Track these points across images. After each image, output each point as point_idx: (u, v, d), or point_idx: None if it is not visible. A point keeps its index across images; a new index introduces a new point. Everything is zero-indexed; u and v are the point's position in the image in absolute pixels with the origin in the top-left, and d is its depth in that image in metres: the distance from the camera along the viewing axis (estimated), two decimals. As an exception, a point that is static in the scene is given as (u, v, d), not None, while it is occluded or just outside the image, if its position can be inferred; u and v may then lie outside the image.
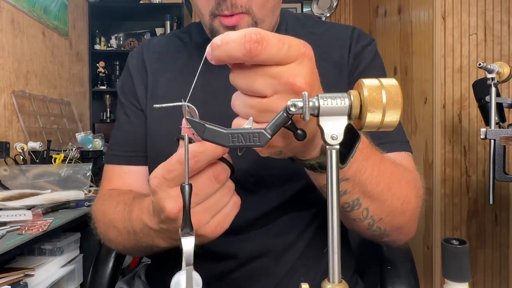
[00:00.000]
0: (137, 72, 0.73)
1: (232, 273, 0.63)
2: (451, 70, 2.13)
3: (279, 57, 0.34)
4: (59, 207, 1.43)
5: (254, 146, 0.31)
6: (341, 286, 0.29)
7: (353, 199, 0.48)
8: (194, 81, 0.67)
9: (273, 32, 0.35)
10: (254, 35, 0.33)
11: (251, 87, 0.36)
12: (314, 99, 0.30)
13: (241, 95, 0.38)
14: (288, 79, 0.34)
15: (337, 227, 0.29)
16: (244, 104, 0.37)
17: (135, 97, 0.73)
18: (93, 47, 3.06)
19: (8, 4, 1.95)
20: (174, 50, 0.74)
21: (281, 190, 0.63)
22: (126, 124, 0.73)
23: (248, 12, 0.60)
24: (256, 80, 0.35)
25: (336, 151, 0.30)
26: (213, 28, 0.62)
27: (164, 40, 0.77)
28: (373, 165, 0.47)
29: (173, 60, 0.72)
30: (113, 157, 0.73)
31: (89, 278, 0.74)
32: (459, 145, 2.14)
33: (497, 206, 2.10)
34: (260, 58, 0.34)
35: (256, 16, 0.61)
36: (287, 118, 0.31)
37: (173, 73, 0.71)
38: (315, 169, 0.43)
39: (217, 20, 0.61)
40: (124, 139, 0.73)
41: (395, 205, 0.52)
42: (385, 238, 0.57)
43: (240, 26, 0.60)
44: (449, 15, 2.12)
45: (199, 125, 0.31)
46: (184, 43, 0.74)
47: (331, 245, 0.29)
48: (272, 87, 0.35)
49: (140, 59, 0.74)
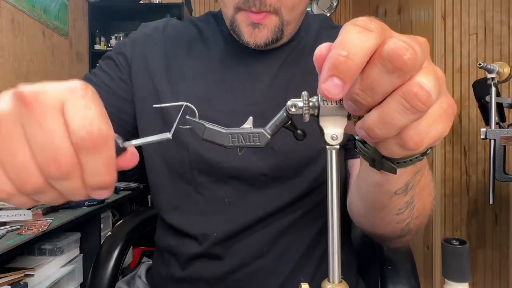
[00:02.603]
0: (158, 49, 0.69)
1: (235, 274, 0.63)
2: (451, 70, 2.13)
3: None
4: (59, 207, 1.43)
5: (254, 146, 0.31)
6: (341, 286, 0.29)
7: (414, 194, 0.46)
8: (210, 76, 0.65)
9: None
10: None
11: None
12: (314, 99, 0.30)
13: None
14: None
15: (337, 227, 0.29)
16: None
17: (128, 74, 0.69)
18: (93, 47, 3.06)
19: (8, 4, 1.95)
20: (189, 37, 0.71)
21: (288, 188, 0.64)
22: (106, 76, 0.68)
23: (276, 13, 0.60)
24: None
25: (336, 151, 0.30)
26: (235, 21, 0.61)
27: (182, 25, 0.74)
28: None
29: (188, 47, 0.70)
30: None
31: (89, 278, 0.73)
32: (459, 145, 2.14)
33: (497, 206, 2.10)
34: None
35: (284, 17, 0.61)
36: (287, 118, 0.31)
37: (188, 63, 0.69)
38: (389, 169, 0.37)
39: (242, 14, 0.60)
40: (98, 88, 0.66)
41: (427, 206, 0.51)
42: (401, 238, 0.56)
43: (266, 25, 0.60)
44: (449, 15, 2.12)
45: (199, 125, 0.31)
46: (200, 31, 0.72)
47: (331, 245, 0.29)
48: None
49: (162, 36, 0.71)
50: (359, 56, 0.25)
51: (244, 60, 0.67)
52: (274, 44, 0.63)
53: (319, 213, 0.66)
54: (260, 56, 0.67)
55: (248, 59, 0.67)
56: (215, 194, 0.64)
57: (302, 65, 0.67)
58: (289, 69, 0.67)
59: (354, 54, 0.25)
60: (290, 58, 0.68)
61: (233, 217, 0.63)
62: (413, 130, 0.27)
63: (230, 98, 0.65)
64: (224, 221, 0.63)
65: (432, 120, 0.27)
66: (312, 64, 0.28)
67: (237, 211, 0.63)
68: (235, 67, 0.67)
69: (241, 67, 0.67)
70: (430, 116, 0.27)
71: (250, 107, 0.64)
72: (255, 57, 0.67)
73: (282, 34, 0.62)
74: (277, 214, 0.64)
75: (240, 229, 0.63)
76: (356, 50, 0.25)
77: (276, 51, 0.67)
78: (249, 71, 0.67)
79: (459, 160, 2.14)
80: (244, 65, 0.67)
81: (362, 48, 0.25)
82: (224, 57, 0.68)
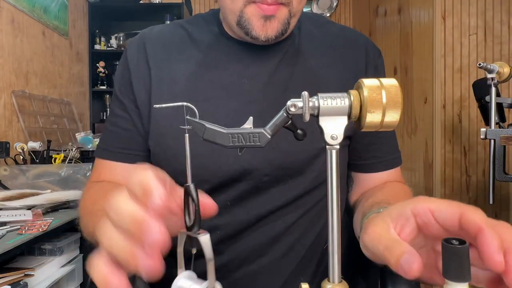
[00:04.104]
0: (136, 65, 0.68)
1: (236, 272, 0.63)
2: (451, 70, 2.13)
3: None
4: (59, 207, 1.43)
5: (254, 146, 0.31)
6: (341, 286, 0.29)
7: None
8: (205, 77, 0.66)
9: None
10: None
11: None
12: (314, 99, 0.30)
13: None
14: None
15: (337, 227, 0.29)
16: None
17: (132, 92, 0.68)
18: (93, 47, 3.07)
19: (8, 4, 1.95)
20: (179, 41, 0.70)
21: (290, 188, 0.64)
22: (121, 120, 0.69)
23: (287, 5, 0.60)
24: None
25: (336, 151, 0.30)
26: (244, 15, 0.60)
27: (168, 29, 0.72)
28: None
29: (178, 52, 0.69)
30: (105, 152, 0.70)
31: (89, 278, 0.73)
32: (459, 145, 2.14)
33: (497, 206, 2.10)
34: None
35: (293, 9, 0.61)
36: (287, 118, 0.31)
37: (179, 66, 0.68)
38: None
39: (252, 7, 0.59)
40: (118, 136, 0.70)
41: None
42: None
43: (277, 17, 0.60)
44: (449, 15, 2.12)
45: (199, 125, 0.31)
46: (189, 34, 0.70)
47: (331, 245, 0.29)
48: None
49: (142, 51, 0.69)
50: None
51: (240, 59, 0.67)
52: (280, 37, 0.63)
53: (322, 211, 0.66)
54: (255, 55, 0.66)
55: (244, 58, 0.66)
56: (216, 198, 0.64)
57: (300, 64, 0.67)
58: (286, 67, 0.67)
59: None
60: (287, 57, 0.67)
61: (234, 216, 0.63)
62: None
63: (227, 97, 0.64)
64: (226, 220, 0.63)
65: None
66: (311, 63, 0.29)
67: (239, 211, 0.63)
68: (231, 66, 0.66)
69: (236, 65, 0.66)
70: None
71: (249, 106, 0.63)
72: (251, 56, 0.66)
73: (288, 26, 0.62)
74: (279, 212, 0.64)
75: (243, 228, 0.63)
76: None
77: (272, 49, 0.67)
78: (245, 69, 0.66)
79: (459, 160, 2.14)
80: (239, 64, 0.66)
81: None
82: (218, 56, 0.67)
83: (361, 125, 0.31)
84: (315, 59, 0.68)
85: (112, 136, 0.70)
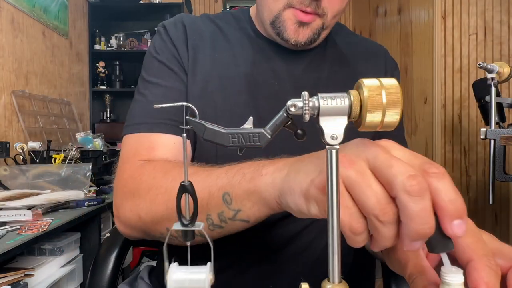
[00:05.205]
0: (180, 44, 0.67)
1: (258, 265, 0.62)
2: (451, 70, 2.14)
3: None
4: (59, 207, 1.43)
5: (254, 146, 0.31)
6: (341, 286, 0.29)
7: None
8: (237, 70, 0.66)
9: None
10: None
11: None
12: (314, 99, 0.30)
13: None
14: None
15: (336, 227, 0.29)
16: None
17: (181, 64, 0.67)
18: (93, 47, 3.07)
19: (8, 4, 1.95)
20: (211, 33, 0.70)
21: None
22: (172, 90, 0.65)
23: (323, 17, 0.62)
24: None
25: (336, 151, 0.30)
26: (280, 17, 0.63)
27: (200, 20, 0.72)
28: None
29: (211, 43, 0.69)
30: (157, 126, 0.62)
31: (89, 278, 0.73)
32: (459, 145, 2.14)
33: (497, 206, 2.10)
34: None
35: (327, 22, 0.63)
36: (287, 118, 0.31)
37: (211, 57, 0.68)
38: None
39: (290, 11, 0.62)
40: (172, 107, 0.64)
41: None
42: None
43: (311, 25, 0.63)
44: (449, 15, 2.12)
45: (199, 125, 0.31)
46: (220, 28, 0.71)
47: (331, 245, 0.29)
48: None
49: (183, 33, 0.69)
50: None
51: (268, 58, 0.69)
52: (309, 45, 0.66)
53: None
54: (284, 56, 0.69)
55: (272, 57, 0.69)
56: None
57: (326, 69, 0.70)
58: (313, 72, 0.69)
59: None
60: (314, 63, 0.70)
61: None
62: None
63: (258, 93, 0.66)
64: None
65: None
66: (335, 71, 0.29)
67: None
68: (260, 64, 0.68)
69: (265, 64, 0.69)
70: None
71: (277, 106, 0.63)
72: (279, 57, 0.69)
73: (319, 37, 0.65)
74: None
75: (264, 226, 0.62)
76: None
77: (299, 54, 0.69)
78: (273, 68, 0.68)
79: (459, 160, 2.14)
80: (269, 63, 0.69)
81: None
82: (248, 53, 0.69)
83: (361, 125, 0.31)
84: (339, 68, 0.71)
85: (164, 109, 0.60)
